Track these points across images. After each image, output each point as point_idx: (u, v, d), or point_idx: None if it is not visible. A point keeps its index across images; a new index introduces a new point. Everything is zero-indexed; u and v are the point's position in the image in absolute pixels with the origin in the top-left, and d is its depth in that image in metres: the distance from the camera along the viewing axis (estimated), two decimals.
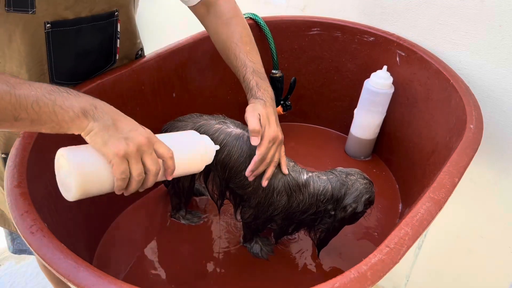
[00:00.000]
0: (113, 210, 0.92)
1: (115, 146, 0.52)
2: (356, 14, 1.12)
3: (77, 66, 0.78)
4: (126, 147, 0.53)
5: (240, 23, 0.82)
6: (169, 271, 0.81)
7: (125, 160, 0.53)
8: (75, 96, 0.53)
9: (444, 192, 0.60)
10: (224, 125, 0.75)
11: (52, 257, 0.49)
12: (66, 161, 0.53)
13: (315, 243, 0.80)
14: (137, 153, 0.54)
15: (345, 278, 0.46)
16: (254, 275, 0.81)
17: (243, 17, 0.85)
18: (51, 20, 0.70)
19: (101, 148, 0.53)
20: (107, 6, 0.77)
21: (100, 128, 0.53)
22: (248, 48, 0.79)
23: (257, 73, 0.76)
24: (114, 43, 0.83)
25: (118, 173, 0.53)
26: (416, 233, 0.53)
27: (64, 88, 0.53)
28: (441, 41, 0.98)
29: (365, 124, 1.07)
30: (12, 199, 0.58)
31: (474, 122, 0.74)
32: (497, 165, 1.01)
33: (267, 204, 0.74)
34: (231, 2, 0.85)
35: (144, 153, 0.55)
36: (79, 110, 0.52)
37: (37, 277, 1.49)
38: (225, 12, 0.83)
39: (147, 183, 0.57)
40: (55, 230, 0.54)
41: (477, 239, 1.14)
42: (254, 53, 0.79)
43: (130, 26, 0.86)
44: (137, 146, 0.54)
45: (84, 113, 0.52)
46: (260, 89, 0.74)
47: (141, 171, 0.55)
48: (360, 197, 0.72)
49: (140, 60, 0.90)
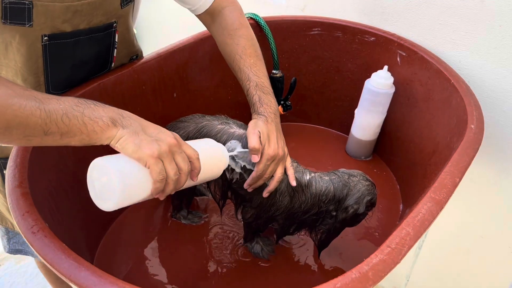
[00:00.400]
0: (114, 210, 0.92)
1: (149, 148, 0.53)
2: (356, 14, 1.12)
3: (72, 76, 0.78)
4: (159, 148, 0.54)
5: (245, 34, 0.81)
6: (169, 271, 0.81)
7: (160, 161, 0.54)
8: (102, 107, 0.54)
9: (445, 192, 0.60)
10: (227, 125, 0.75)
11: (54, 257, 0.50)
12: (106, 168, 0.53)
13: (316, 244, 0.80)
14: (169, 153, 0.55)
15: (347, 278, 0.46)
16: (255, 275, 0.81)
17: (248, 27, 0.83)
18: (49, 33, 0.69)
19: (135, 152, 0.53)
20: (105, 18, 0.75)
21: (130, 134, 0.54)
22: (252, 61, 0.78)
23: (260, 88, 0.75)
24: (111, 53, 0.82)
25: (156, 174, 0.54)
26: (417, 233, 0.53)
27: (90, 101, 0.54)
28: (442, 41, 0.98)
29: (366, 124, 1.07)
30: (13, 199, 0.57)
31: (475, 122, 0.74)
32: (497, 165, 1.01)
33: (269, 204, 0.74)
34: (236, 12, 0.84)
35: (175, 153, 0.56)
36: (107, 119, 0.53)
37: (37, 277, 1.49)
38: (229, 23, 0.82)
39: (180, 183, 0.58)
40: (56, 230, 0.54)
41: (477, 239, 1.14)
42: (258, 65, 0.78)
43: (128, 35, 0.85)
44: (168, 146, 0.55)
45: (113, 122, 0.53)
46: (262, 105, 0.73)
47: (176, 170, 0.56)
48: (362, 198, 0.72)
49: (140, 60, 0.90)
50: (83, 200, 0.80)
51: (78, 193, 0.79)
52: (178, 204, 0.90)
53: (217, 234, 0.89)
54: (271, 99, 0.75)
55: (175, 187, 0.57)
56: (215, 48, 0.86)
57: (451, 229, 1.19)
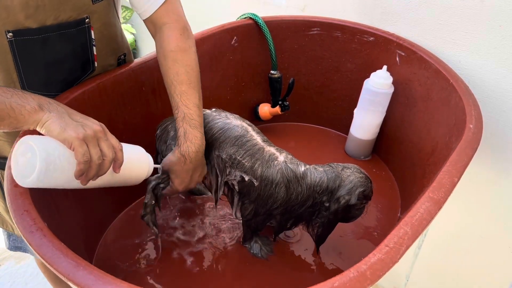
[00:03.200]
0: (113, 209, 0.93)
1: (74, 130, 0.56)
2: (356, 14, 1.12)
3: (49, 76, 0.76)
4: (84, 131, 0.57)
5: (179, 59, 0.75)
6: (169, 271, 0.81)
7: (84, 144, 0.56)
8: (30, 94, 0.58)
9: (443, 191, 0.60)
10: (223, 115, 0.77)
11: (52, 256, 0.50)
12: (31, 145, 0.55)
13: (314, 239, 0.80)
14: (94, 138, 0.58)
15: (345, 278, 0.46)
16: (254, 275, 0.81)
17: (185, 51, 0.76)
18: (12, 29, 0.67)
19: (60, 134, 0.56)
20: (75, 13, 0.72)
21: (56, 117, 0.56)
22: (184, 89, 0.73)
23: (187, 120, 0.72)
24: (90, 51, 0.79)
25: (80, 155, 0.56)
26: (415, 232, 0.53)
27: (19, 89, 0.58)
28: (441, 41, 0.98)
29: (365, 124, 1.07)
30: (12, 198, 0.58)
31: (474, 121, 0.74)
32: (497, 165, 1.01)
33: (266, 196, 0.74)
34: (176, 32, 0.76)
35: (100, 138, 0.59)
36: (35, 104, 0.56)
37: (37, 277, 1.49)
38: (165, 43, 0.76)
39: (103, 169, 0.60)
40: (55, 230, 0.54)
41: (477, 239, 1.14)
42: (190, 93, 0.74)
43: (108, 32, 0.81)
44: (94, 132, 0.58)
45: (40, 106, 0.56)
46: (186, 141, 0.71)
47: (100, 155, 0.58)
48: (354, 189, 0.72)
49: (140, 60, 0.90)
50: (82, 199, 0.80)
51: (78, 192, 0.80)
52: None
53: (217, 234, 0.89)
54: (197, 134, 0.72)
55: (97, 173, 0.59)
56: (214, 48, 0.86)
57: (451, 229, 1.18)
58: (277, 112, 1.15)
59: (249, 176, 0.73)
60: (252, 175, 0.73)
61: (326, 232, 0.78)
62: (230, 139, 0.74)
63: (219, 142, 0.75)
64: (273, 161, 0.73)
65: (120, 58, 0.88)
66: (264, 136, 0.78)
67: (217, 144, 0.75)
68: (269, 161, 0.73)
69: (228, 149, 0.74)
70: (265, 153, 0.73)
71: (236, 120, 0.77)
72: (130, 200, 0.96)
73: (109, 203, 0.91)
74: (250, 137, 0.74)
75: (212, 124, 0.76)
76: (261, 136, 0.77)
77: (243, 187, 0.75)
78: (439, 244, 1.23)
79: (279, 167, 0.73)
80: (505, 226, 1.07)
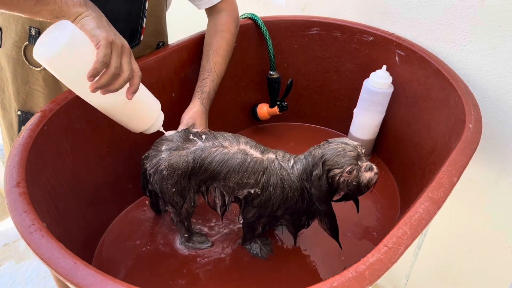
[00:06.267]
0: (113, 210, 0.93)
1: (106, 32, 0.58)
2: (356, 14, 1.12)
3: None
4: (115, 38, 0.58)
5: (225, 37, 0.95)
6: (168, 271, 0.81)
7: (109, 48, 0.58)
8: None
9: (442, 191, 0.60)
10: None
11: (51, 256, 0.50)
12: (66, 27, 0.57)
13: (328, 233, 0.77)
14: (121, 49, 0.59)
15: (343, 277, 0.46)
16: (254, 275, 0.81)
17: (232, 34, 0.96)
18: None
19: (93, 29, 0.58)
20: None
21: (95, 16, 0.59)
22: (219, 60, 0.93)
23: (214, 83, 0.92)
24: (141, 21, 0.84)
25: (101, 54, 0.57)
26: (414, 232, 0.53)
27: None
28: (441, 41, 0.98)
29: (365, 124, 1.07)
30: (11, 199, 0.58)
31: (473, 121, 0.74)
32: (497, 165, 1.01)
33: (266, 199, 0.74)
34: (230, 18, 0.96)
35: (124, 53, 0.60)
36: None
37: (37, 277, 1.49)
38: (220, 23, 0.95)
39: (116, 84, 0.60)
40: (54, 230, 0.55)
41: (477, 239, 1.14)
42: (221, 65, 0.94)
43: (157, 11, 0.89)
44: (122, 44, 0.59)
45: (85, 2, 0.60)
46: (208, 98, 0.90)
47: (118, 65, 0.59)
48: (318, 162, 0.69)
49: (139, 60, 0.90)
50: (82, 199, 0.81)
51: (77, 192, 0.80)
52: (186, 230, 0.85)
53: (217, 234, 0.89)
54: (213, 96, 0.93)
55: (109, 84, 0.60)
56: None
57: (451, 229, 1.18)
58: (275, 113, 1.15)
59: (254, 189, 0.73)
60: (256, 187, 0.73)
61: (330, 222, 0.75)
62: (233, 168, 0.73)
63: (222, 174, 0.73)
64: (270, 165, 0.73)
65: (159, 45, 0.94)
66: (261, 145, 0.77)
67: (221, 176, 0.74)
68: (267, 167, 0.73)
69: (234, 178, 0.73)
70: (264, 163, 0.73)
71: (232, 145, 0.74)
72: (130, 200, 0.96)
73: (109, 203, 0.91)
74: (251, 157, 0.73)
75: (211, 159, 0.73)
76: (259, 148, 0.76)
77: (248, 198, 0.75)
78: (439, 244, 1.23)
79: (274, 170, 0.73)
80: (505, 226, 1.07)
